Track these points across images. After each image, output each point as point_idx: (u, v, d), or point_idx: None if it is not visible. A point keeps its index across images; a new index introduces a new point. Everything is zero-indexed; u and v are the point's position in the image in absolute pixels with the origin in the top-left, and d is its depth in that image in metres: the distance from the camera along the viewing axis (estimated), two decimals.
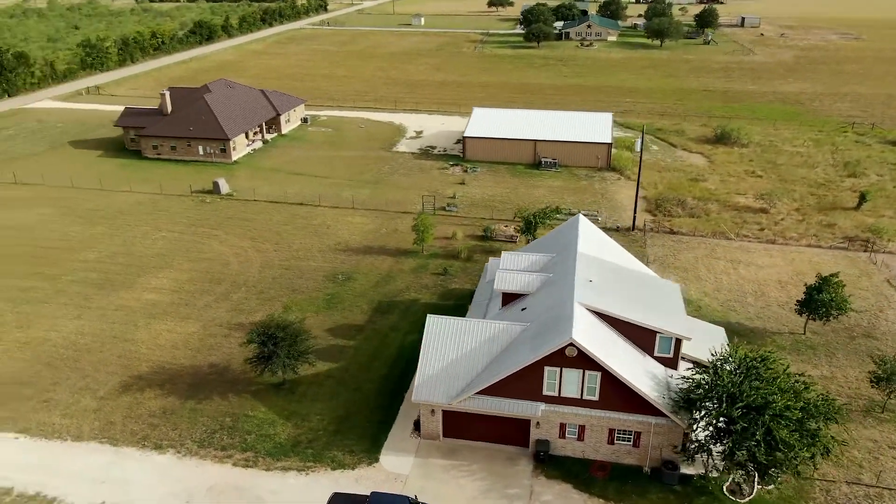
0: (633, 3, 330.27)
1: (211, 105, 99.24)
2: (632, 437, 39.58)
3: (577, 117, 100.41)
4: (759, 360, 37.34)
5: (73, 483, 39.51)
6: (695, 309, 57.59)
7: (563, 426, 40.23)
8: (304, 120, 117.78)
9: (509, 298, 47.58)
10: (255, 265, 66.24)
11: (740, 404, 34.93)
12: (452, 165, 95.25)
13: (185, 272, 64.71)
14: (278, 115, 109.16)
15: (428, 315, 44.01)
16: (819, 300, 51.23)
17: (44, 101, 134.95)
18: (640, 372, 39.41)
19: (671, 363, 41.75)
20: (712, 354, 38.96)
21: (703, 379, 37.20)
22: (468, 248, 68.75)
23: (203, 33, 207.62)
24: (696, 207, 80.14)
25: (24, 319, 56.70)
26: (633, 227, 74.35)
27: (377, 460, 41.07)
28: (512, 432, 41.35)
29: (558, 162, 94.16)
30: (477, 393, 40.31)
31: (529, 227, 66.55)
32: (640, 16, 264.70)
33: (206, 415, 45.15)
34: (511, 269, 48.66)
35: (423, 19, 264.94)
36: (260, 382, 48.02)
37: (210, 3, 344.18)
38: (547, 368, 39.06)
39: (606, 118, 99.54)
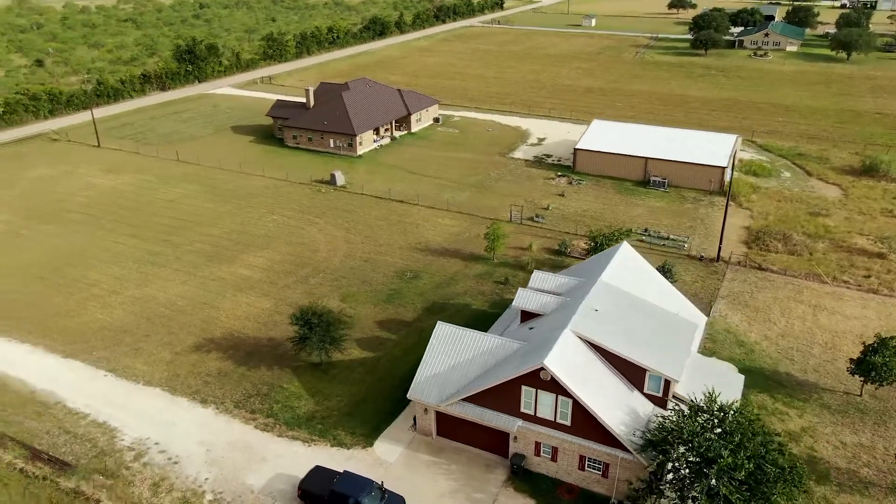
0: (832, 6, 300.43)
1: (346, 102, 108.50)
2: (601, 466, 40.48)
3: (697, 136, 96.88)
4: (734, 412, 36.64)
5: (133, 419, 48.22)
6: (746, 352, 55.53)
7: (538, 444, 42.04)
8: (437, 120, 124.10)
9: (527, 317, 49.63)
10: (339, 254, 73.19)
11: (692, 454, 34.85)
12: (559, 176, 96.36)
13: (279, 254, 73.22)
14: (409, 114, 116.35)
15: (438, 321, 47.51)
16: (871, 362, 47.52)
17: (224, 87, 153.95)
18: (617, 405, 40.12)
19: (660, 402, 41.77)
20: (690, 402, 38.67)
21: (669, 422, 37.26)
22: (536, 260, 70.66)
23: (376, 29, 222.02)
24: (801, 245, 74.98)
25: (144, 279, 68.02)
26: (718, 259, 71.59)
27: (371, 445, 45.58)
28: (495, 442, 43.82)
29: (668, 182, 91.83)
30: (463, 400, 43.31)
31: (597, 247, 66.95)
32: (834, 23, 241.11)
33: (250, 381, 52.29)
34: (533, 289, 50.59)
35: (594, 20, 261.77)
36: (302, 361, 54.34)
37: None
38: (524, 388, 41.10)
39: (728, 140, 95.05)
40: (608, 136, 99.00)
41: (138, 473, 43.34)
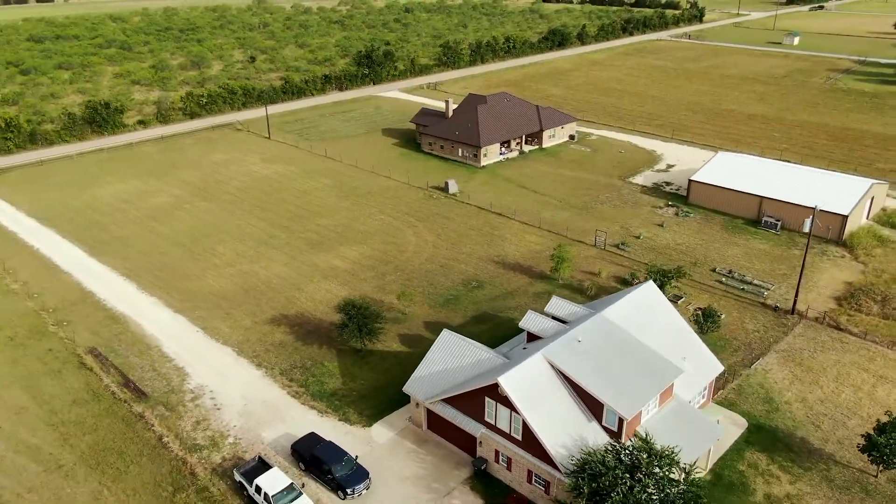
0: None
1: (479, 115, 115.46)
2: (544, 483, 43.73)
3: (828, 178, 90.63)
4: (650, 454, 38.33)
5: (203, 369, 59.55)
6: (769, 410, 54.31)
7: (497, 452, 46.19)
8: (572, 137, 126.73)
9: (532, 337, 53.32)
10: (422, 257, 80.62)
11: (592, 485, 37.40)
12: (668, 206, 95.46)
13: (371, 249, 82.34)
14: (541, 130, 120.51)
15: (444, 329, 53.00)
16: (876, 442, 45.06)
17: (393, 91, 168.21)
18: (566, 431, 43.12)
19: (616, 436, 43.91)
20: (630, 440, 40.68)
21: (591, 455, 39.79)
22: (600, 287, 72.63)
23: (555, 40, 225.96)
24: None
25: (256, 256, 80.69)
26: (793, 311, 68.37)
27: (370, 426, 52.45)
28: (468, 443, 48.56)
29: (781, 224, 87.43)
30: (443, 400, 48.64)
31: (655, 280, 67.58)
32: None
33: (300, 355, 61.56)
34: (540, 313, 54.07)
35: (797, 38, 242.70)
36: (347, 346, 62.48)
37: (598, 5, 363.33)
38: (487, 399, 45.50)
39: (862, 185, 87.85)
40: (729, 170, 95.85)
41: (188, 412, 54.24)
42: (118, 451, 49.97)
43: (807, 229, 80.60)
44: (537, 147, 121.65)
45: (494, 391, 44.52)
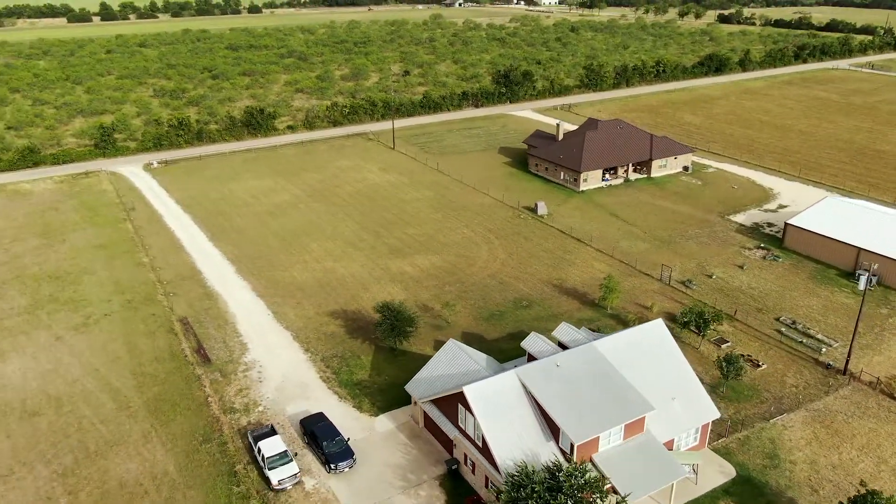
0: None
1: (586, 140, 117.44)
2: (496, 490, 47.28)
3: None
4: (574, 477, 40.82)
5: (260, 347, 69.12)
6: (767, 465, 53.34)
7: (465, 455, 50.38)
8: (686, 168, 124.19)
9: (532, 358, 56.55)
10: (486, 272, 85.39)
11: (512, 495, 40.70)
12: (759, 248, 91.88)
13: (443, 260, 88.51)
14: (651, 159, 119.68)
15: (451, 339, 57.85)
16: None
17: (526, 111, 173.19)
18: (520, 446, 46.44)
19: (567, 458, 46.46)
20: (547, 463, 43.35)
21: (517, 475, 42.94)
22: (638, 320, 73.12)
23: (711, 65, 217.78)
24: None
25: (341, 255, 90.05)
26: (845, 371, 64.60)
27: (376, 416, 58.64)
28: (449, 444, 53.13)
29: (878, 279, 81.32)
30: (431, 401, 53.67)
31: (686, 323, 67.26)
32: None
33: (344, 346, 69.26)
34: (542, 337, 57.10)
35: None
36: (387, 344, 69.08)
37: (781, 28, 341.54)
38: (459, 405, 49.89)
39: None
40: (832, 216, 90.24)
41: (236, 380, 63.87)
42: (173, 402, 60.53)
43: (863, 286, 75.01)
44: (645, 176, 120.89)
45: (464, 399, 48.86)
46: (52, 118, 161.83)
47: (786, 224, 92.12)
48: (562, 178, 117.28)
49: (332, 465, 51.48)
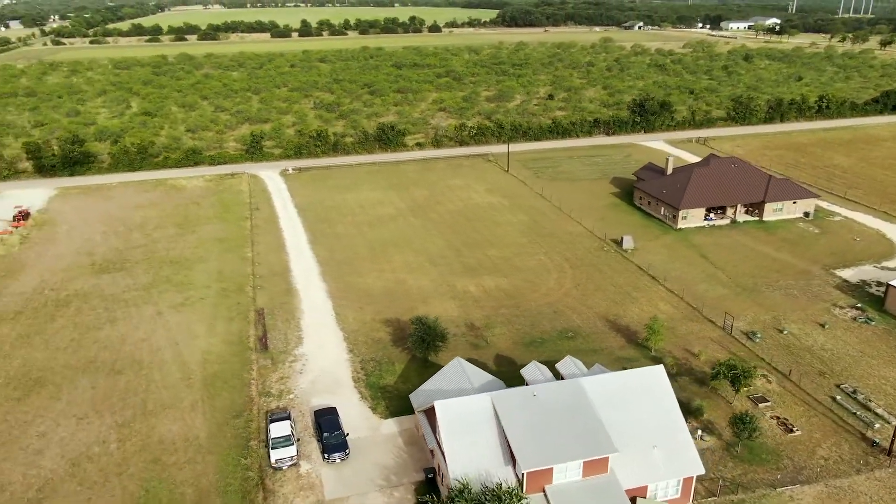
0: None
1: (692, 176, 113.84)
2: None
3: None
4: (499, 498, 42.89)
5: (314, 343, 76.78)
6: None
7: (438, 466, 53.67)
8: (806, 214, 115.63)
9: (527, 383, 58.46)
10: (545, 300, 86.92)
11: None
12: (853, 307, 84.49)
13: (508, 283, 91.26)
14: (764, 201, 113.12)
15: (457, 357, 61.18)
16: None
17: (658, 141, 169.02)
18: (478, 465, 49.00)
19: (520, 484, 48.28)
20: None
21: (454, 488, 45.62)
22: (677, 364, 71.19)
23: (888, 102, 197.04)
24: None
25: (416, 269, 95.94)
26: (889, 452, 58.85)
27: (386, 419, 63.44)
28: (433, 453, 56.68)
29: None
30: (421, 411, 57.55)
31: (715, 376, 64.71)
32: None
33: (384, 352, 74.86)
34: (542, 367, 58.70)
35: None
36: (421, 354, 73.59)
37: None
38: (436, 418, 53.32)
39: None
40: None
41: (282, 369, 71.82)
42: (224, 380, 69.73)
43: None
44: (756, 219, 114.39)
45: (434, 413, 52.32)
46: (223, 124, 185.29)
47: (888, 285, 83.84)
48: (662, 213, 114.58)
49: (327, 455, 57.14)
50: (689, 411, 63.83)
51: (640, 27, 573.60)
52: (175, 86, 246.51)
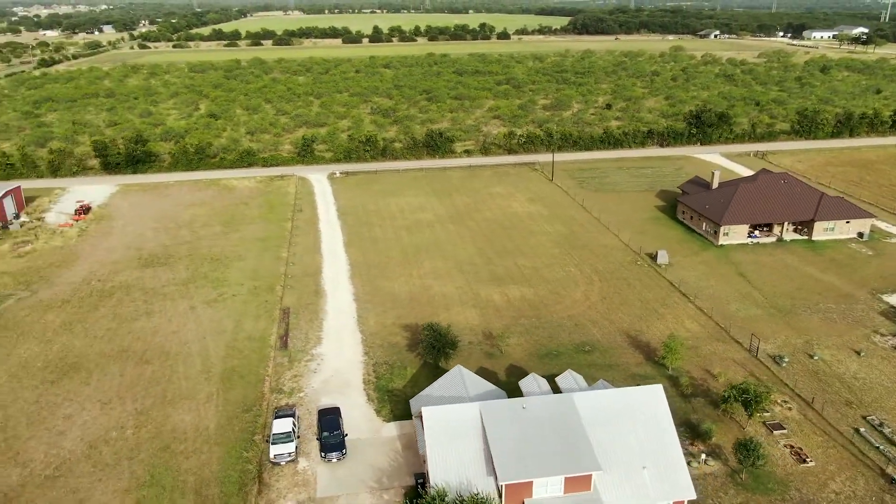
0: None
1: (738, 192, 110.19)
2: None
3: None
4: None
5: (332, 342, 78.53)
6: None
7: (426, 472, 54.13)
8: (860, 234, 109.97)
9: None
10: (568, 312, 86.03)
11: None
12: None
13: (533, 294, 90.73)
14: (813, 220, 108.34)
15: (458, 365, 61.46)
16: None
17: (714, 154, 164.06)
18: (459, 474, 49.28)
19: (500, 496, 48.24)
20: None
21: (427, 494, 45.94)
22: (693, 384, 69.17)
23: None
24: None
25: (443, 275, 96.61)
26: None
27: (388, 422, 64.30)
28: None
29: None
30: (418, 417, 58.15)
31: (726, 399, 62.59)
32: None
33: (398, 356, 75.81)
34: (540, 379, 58.34)
35: None
36: (432, 360, 74.11)
37: None
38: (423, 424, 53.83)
39: None
40: None
41: (297, 367, 73.80)
42: (241, 375, 72.30)
43: None
44: (805, 238, 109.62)
45: (421, 419, 52.86)
46: (281, 127, 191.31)
47: None
48: (703, 228, 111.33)
49: (324, 454, 58.53)
50: (697, 434, 62.14)
51: (715, 36, 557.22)
52: (242, 89, 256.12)
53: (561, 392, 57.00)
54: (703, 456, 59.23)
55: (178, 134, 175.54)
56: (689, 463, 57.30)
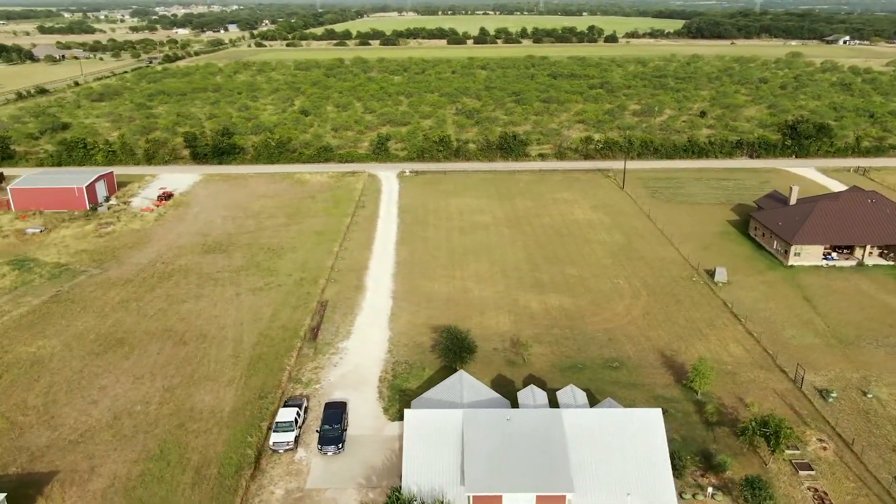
0: None
1: (815, 209, 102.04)
2: None
3: None
4: None
5: (359, 337, 79.62)
6: None
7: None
8: None
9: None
10: (606, 326, 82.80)
11: None
12: None
13: (574, 304, 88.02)
14: None
15: (461, 370, 60.57)
16: None
17: (809, 168, 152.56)
18: (430, 478, 48.71)
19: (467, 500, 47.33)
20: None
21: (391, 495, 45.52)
22: (720, 412, 64.68)
23: None
24: None
25: (485, 279, 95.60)
26: None
27: (393, 421, 64.33)
28: None
29: None
30: None
31: (744, 432, 57.98)
32: None
33: (419, 356, 75.74)
34: (539, 392, 56.50)
35: None
36: (450, 362, 73.38)
37: None
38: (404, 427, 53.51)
39: None
40: None
41: (320, 359, 75.33)
42: (266, 362, 74.64)
43: None
44: (891, 263, 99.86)
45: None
46: (365, 124, 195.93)
47: None
48: (774, 247, 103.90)
49: (320, 446, 59.49)
50: (710, 465, 58.13)
51: (845, 42, 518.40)
52: (337, 87, 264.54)
53: (559, 406, 54.99)
54: (711, 490, 55.29)
55: (266, 128, 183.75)
56: (693, 495, 53.87)
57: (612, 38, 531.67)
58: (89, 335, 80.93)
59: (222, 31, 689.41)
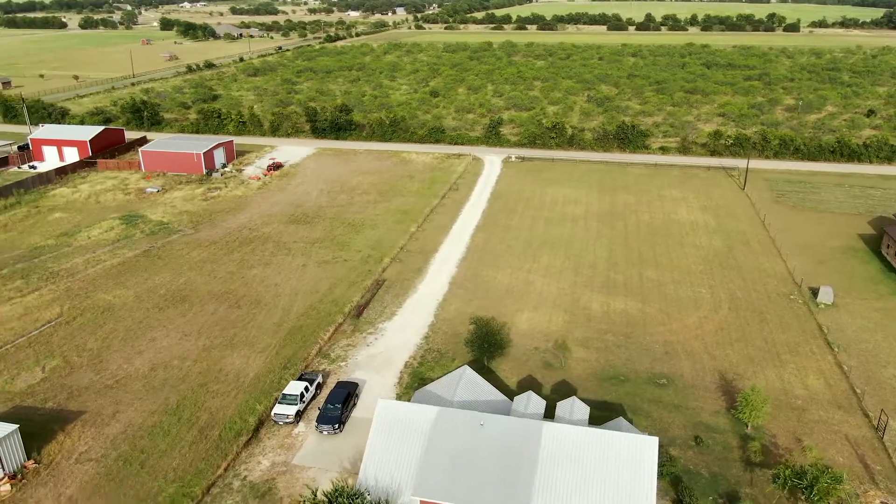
0: None
1: None
2: None
3: None
4: None
5: (402, 320, 78.05)
6: None
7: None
8: None
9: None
10: (666, 338, 74.66)
11: None
12: None
13: (640, 311, 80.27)
14: None
15: (465, 365, 56.85)
16: None
17: None
18: (389, 476, 46.06)
19: None
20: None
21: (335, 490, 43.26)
22: (766, 451, 55.64)
23: None
24: None
25: (554, 274, 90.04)
26: None
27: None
28: None
29: None
30: None
31: (779, 480, 49.04)
32: None
33: (451, 347, 72.70)
34: (537, 399, 51.60)
35: None
36: (484, 359, 69.70)
37: None
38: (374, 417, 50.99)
39: None
40: None
41: (356, 338, 74.69)
42: (304, 334, 75.19)
43: None
44: None
45: None
46: (488, 107, 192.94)
47: None
48: None
49: (317, 424, 58.78)
50: None
51: None
52: (475, 70, 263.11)
53: (553, 418, 49.94)
54: None
55: (390, 106, 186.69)
56: None
57: (792, 28, 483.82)
58: (160, 290, 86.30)
59: (389, 14, 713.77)
